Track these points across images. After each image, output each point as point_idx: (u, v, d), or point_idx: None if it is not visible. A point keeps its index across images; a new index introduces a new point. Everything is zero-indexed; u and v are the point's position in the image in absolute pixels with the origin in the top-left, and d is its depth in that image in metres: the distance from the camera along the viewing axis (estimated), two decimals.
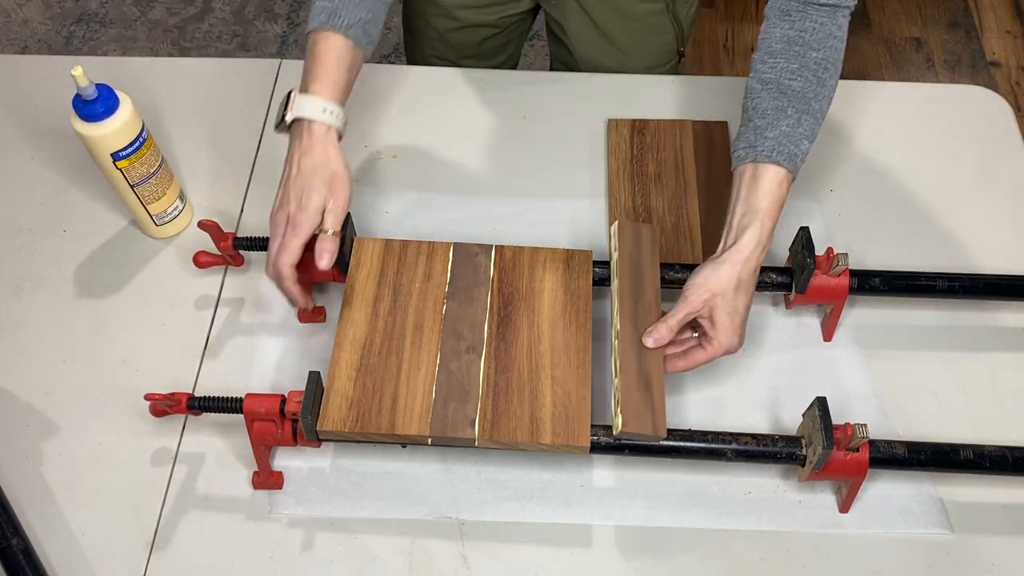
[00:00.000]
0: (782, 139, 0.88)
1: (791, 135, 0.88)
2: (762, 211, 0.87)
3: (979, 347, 1.01)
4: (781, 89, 0.90)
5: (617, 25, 1.23)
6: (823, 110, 0.91)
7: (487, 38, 1.32)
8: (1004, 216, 1.11)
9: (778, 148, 0.88)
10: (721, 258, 0.87)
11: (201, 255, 1.01)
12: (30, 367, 0.99)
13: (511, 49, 1.38)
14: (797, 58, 0.90)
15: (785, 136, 0.88)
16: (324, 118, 0.89)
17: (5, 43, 2.41)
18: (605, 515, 0.90)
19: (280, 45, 2.41)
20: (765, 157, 0.88)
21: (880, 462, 0.86)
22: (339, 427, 0.84)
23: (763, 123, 0.89)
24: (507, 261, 0.95)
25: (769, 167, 0.87)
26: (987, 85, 1.50)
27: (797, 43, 0.91)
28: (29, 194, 1.12)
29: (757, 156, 0.88)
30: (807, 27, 0.91)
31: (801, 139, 0.89)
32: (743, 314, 0.87)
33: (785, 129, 0.88)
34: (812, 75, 0.90)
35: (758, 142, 0.89)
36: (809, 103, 0.89)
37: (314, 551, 0.88)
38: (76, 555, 0.87)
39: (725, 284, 0.85)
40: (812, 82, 0.90)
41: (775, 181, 0.87)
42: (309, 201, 0.88)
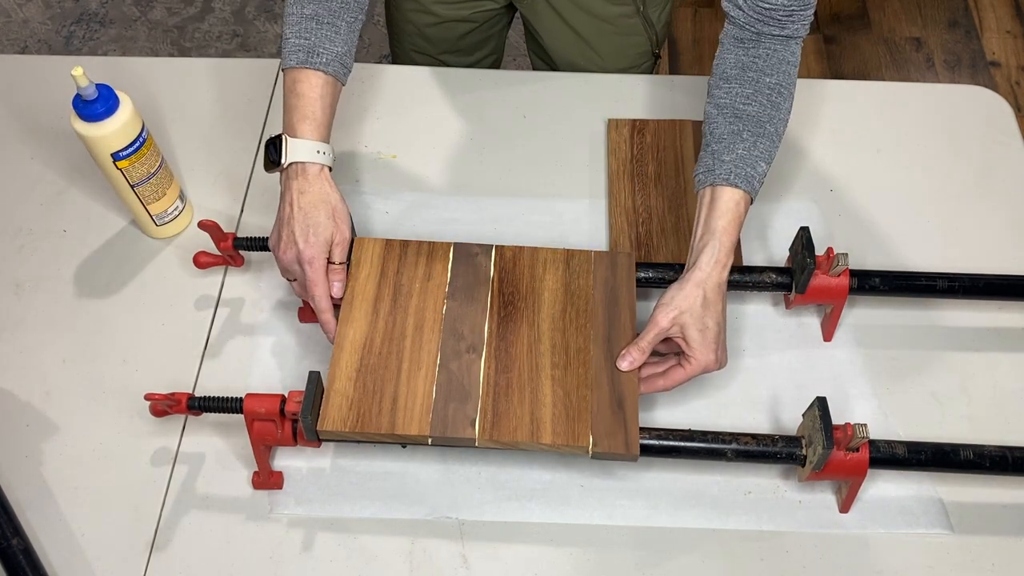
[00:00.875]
0: (738, 162, 0.91)
1: (747, 158, 0.91)
2: (719, 230, 0.90)
3: (979, 347, 1.01)
4: (736, 114, 0.93)
5: (589, 27, 1.24)
6: (779, 132, 0.94)
7: (465, 33, 1.32)
8: (1004, 216, 1.11)
9: (735, 171, 0.91)
10: (684, 279, 0.89)
11: (201, 255, 1.01)
12: (30, 367, 0.99)
13: (492, 44, 1.39)
14: (751, 83, 0.93)
15: (741, 159, 0.91)
16: (317, 159, 0.92)
17: (5, 43, 2.41)
18: (605, 515, 0.90)
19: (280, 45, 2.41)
20: (723, 180, 0.91)
21: (880, 462, 0.86)
22: (339, 427, 0.84)
23: (720, 147, 0.92)
24: (507, 261, 0.95)
25: (726, 189, 0.90)
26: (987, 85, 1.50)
27: (751, 69, 0.94)
28: (29, 194, 1.12)
29: (715, 180, 0.91)
30: (760, 53, 0.94)
31: (757, 161, 0.91)
32: (715, 330, 0.88)
33: (741, 152, 0.91)
34: (766, 99, 0.93)
35: (716, 166, 0.92)
36: (764, 126, 0.92)
37: (314, 551, 0.88)
38: (76, 555, 0.88)
39: (691, 302, 0.88)
40: (766, 106, 0.93)
41: (732, 202, 0.90)
42: (318, 237, 0.90)
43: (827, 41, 2.44)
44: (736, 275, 0.97)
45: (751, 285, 0.98)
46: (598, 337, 0.90)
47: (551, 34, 1.26)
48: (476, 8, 1.28)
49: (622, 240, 1.07)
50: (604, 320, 0.91)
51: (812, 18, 0.94)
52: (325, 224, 0.91)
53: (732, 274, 0.97)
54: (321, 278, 0.91)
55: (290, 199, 0.91)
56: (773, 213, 1.10)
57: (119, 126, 0.95)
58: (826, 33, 2.45)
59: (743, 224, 0.91)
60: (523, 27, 1.34)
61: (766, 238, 1.08)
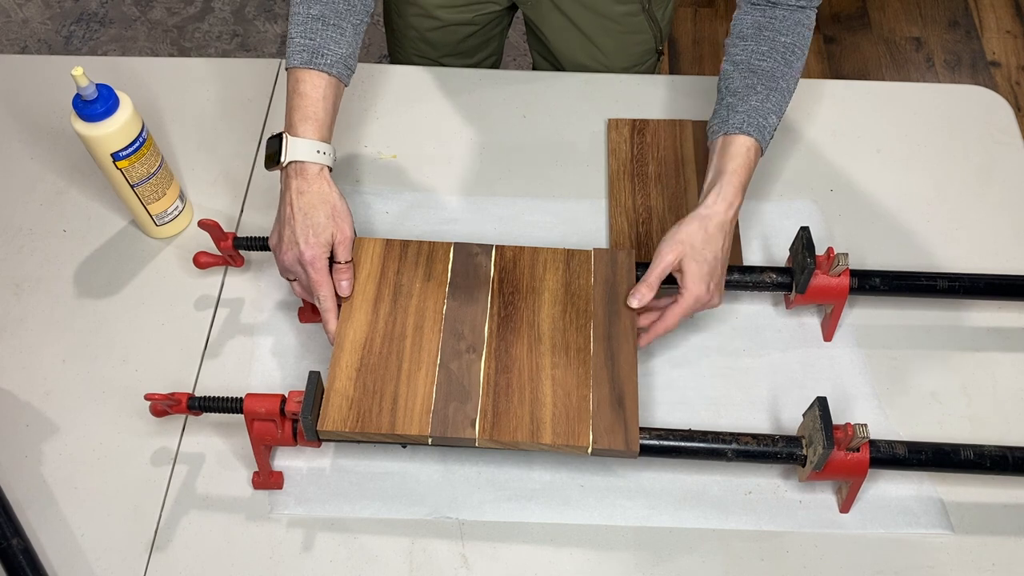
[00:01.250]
0: (752, 112, 0.95)
1: (760, 109, 0.95)
2: (727, 171, 0.93)
3: (979, 347, 1.01)
4: (751, 69, 0.97)
5: (595, 26, 1.24)
6: (790, 89, 0.98)
7: (466, 36, 1.32)
8: (1004, 216, 1.11)
9: (748, 120, 0.94)
10: (690, 215, 0.93)
11: (201, 255, 1.01)
12: (30, 367, 0.99)
13: (492, 46, 1.39)
14: (767, 41, 0.97)
15: (754, 110, 0.95)
16: (317, 159, 0.92)
17: (5, 43, 2.41)
18: (605, 515, 0.90)
19: (280, 45, 2.41)
20: (736, 129, 0.94)
21: (880, 462, 0.86)
22: (339, 427, 0.84)
23: (734, 100, 0.96)
24: (507, 261, 0.95)
25: (738, 137, 0.94)
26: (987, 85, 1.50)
27: (767, 28, 0.97)
28: (29, 194, 1.12)
29: (728, 128, 0.95)
30: (777, 15, 0.98)
31: (769, 113, 0.95)
32: (712, 264, 0.91)
33: (755, 103, 0.95)
34: (780, 57, 0.97)
35: (730, 116, 0.95)
36: (777, 81, 0.96)
37: (314, 551, 0.88)
38: (76, 555, 0.88)
39: (692, 236, 0.91)
40: (780, 63, 0.97)
41: (743, 147, 0.94)
42: (318, 237, 0.90)
43: (827, 41, 2.44)
44: (736, 275, 0.97)
45: (751, 285, 0.98)
46: (598, 336, 0.90)
47: (556, 33, 1.26)
48: (478, 11, 1.28)
49: (622, 240, 1.07)
50: (604, 319, 0.91)
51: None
52: (324, 224, 0.90)
53: (732, 274, 0.97)
54: (324, 278, 0.91)
55: (289, 199, 0.91)
56: (773, 213, 1.10)
57: (119, 126, 0.95)
58: (826, 33, 2.45)
59: (752, 172, 0.94)
60: (525, 26, 1.35)
61: (766, 238, 1.08)
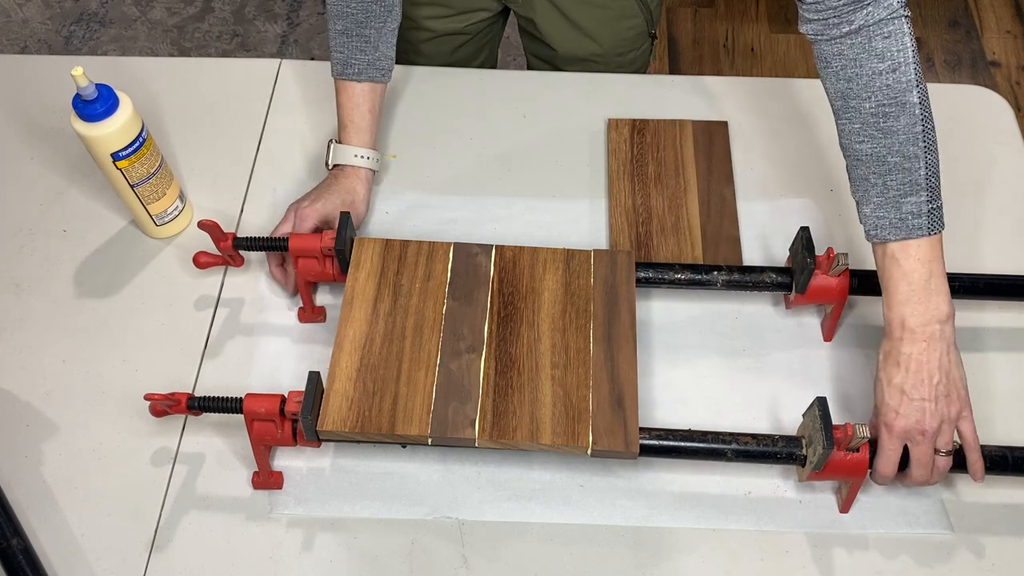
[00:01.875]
0: (879, 211, 0.85)
1: (883, 204, 0.85)
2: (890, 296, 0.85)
3: (979, 347, 1.01)
4: (857, 157, 0.87)
5: (586, 13, 1.24)
6: (908, 153, 0.84)
7: (459, 47, 1.33)
8: (1004, 216, 1.11)
9: (879, 224, 0.85)
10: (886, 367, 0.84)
11: (201, 255, 1.01)
12: (30, 367, 0.99)
13: (484, 55, 1.39)
14: (856, 116, 0.86)
15: (879, 207, 0.85)
16: (357, 163, 1.04)
17: (5, 43, 2.41)
18: (605, 515, 0.90)
19: (280, 45, 2.41)
20: (873, 238, 0.87)
21: None
22: (339, 427, 0.84)
23: (859, 199, 0.88)
24: (507, 261, 0.95)
25: (877, 248, 0.87)
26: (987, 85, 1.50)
27: (850, 97, 0.86)
28: (29, 194, 1.12)
29: (871, 238, 0.87)
30: (851, 74, 0.85)
31: (900, 201, 0.84)
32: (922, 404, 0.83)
33: (877, 201, 0.85)
34: (874, 130, 0.85)
35: (864, 222, 0.87)
36: (885, 161, 0.85)
37: (314, 551, 0.88)
38: (76, 555, 0.88)
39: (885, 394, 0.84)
40: (878, 137, 0.85)
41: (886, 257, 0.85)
42: (324, 205, 1.00)
43: None
44: (736, 275, 0.97)
45: (751, 285, 0.98)
46: (598, 337, 0.90)
47: (548, 26, 1.26)
48: (469, 20, 1.28)
49: (622, 240, 1.07)
50: (604, 319, 0.91)
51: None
52: (335, 203, 1.01)
53: (732, 274, 0.97)
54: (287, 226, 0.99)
55: (325, 180, 1.05)
56: (773, 213, 1.10)
57: (119, 126, 0.95)
58: None
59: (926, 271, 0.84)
60: (519, 29, 1.35)
61: (766, 238, 1.08)
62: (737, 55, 2.39)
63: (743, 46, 2.41)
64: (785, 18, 2.49)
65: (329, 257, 0.95)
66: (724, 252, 1.06)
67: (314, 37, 2.42)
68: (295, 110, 1.20)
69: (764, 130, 1.18)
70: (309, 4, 2.49)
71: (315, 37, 2.42)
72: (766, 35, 2.44)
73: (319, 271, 0.96)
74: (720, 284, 0.98)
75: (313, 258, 0.95)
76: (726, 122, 1.18)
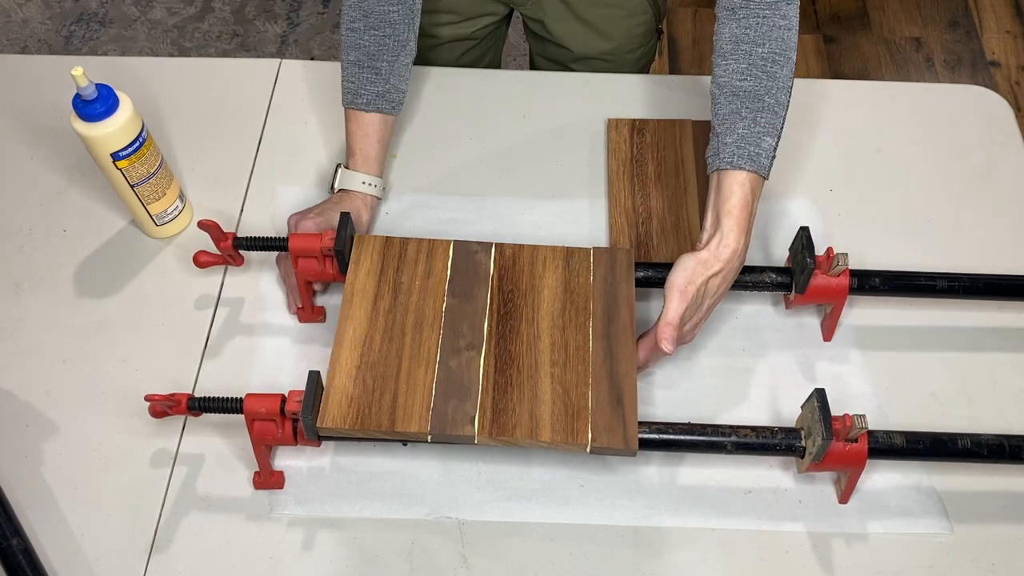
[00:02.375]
0: (740, 142, 0.91)
1: (748, 136, 0.91)
2: (725, 215, 0.90)
3: (979, 347, 1.01)
4: (734, 92, 0.93)
5: (596, 12, 1.24)
6: (780, 102, 0.93)
7: (464, 52, 1.33)
8: (1004, 216, 1.11)
9: (738, 152, 0.91)
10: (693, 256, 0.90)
11: (201, 255, 1.01)
12: (30, 367, 0.99)
13: (489, 58, 1.40)
14: (744, 57, 0.92)
15: (743, 139, 0.91)
16: (364, 189, 1.05)
17: (5, 43, 2.41)
18: (605, 515, 0.90)
19: (280, 45, 2.41)
20: (727, 163, 0.91)
21: (879, 452, 0.86)
22: (339, 424, 0.84)
23: (722, 129, 0.93)
24: (507, 259, 0.95)
25: (731, 173, 0.91)
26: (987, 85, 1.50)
27: (744, 41, 0.93)
28: (29, 194, 1.12)
29: (720, 163, 0.91)
30: (751, 23, 0.93)
31: (760, 137, 0.91)
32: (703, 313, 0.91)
33: (742, 132, 0.91)
34: (761, 71, 0.92)
35: (720, 149, 0.92)
36: (762, 100, 0.92)
37: (314, 551, 0.88)
38: (76, 555, 0.87)
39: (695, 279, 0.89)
40: (762, 78, 0.92)
41: (737, 183, 0.90)
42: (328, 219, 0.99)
43: (827, 41, 2.44)
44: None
45: (751, 285, 0.98)
46: (597, 334, 0.90)
47: (558, 26, 1.26)
48: (477, 25, 1.28)
49: (622, 240, 1.07)
50: (603, 317, 0.91)
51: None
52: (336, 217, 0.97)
53: None
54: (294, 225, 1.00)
55: (333, 197, 1.05)
56: (773, 213, 1.10)
57: (119, 126, 0.95)
58: (826, 33, 2.46)
59: (754, 204, 0.91)
60: (524, 30, 1.34)
61: (766, 238, 1.08)
62: None
63: None
64: None
65: (329, 257, 0.95)
66: None
67: (314, 37, 2.42)
68: (295, 110, 1.20)
69: None
70: (309, 4, 2.49)
71: (315, 37, 2.42)
72: None
73: (319, 271, 0.96)
74: None
75: (313, 258, 0.95)
76: None
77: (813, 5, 2.53)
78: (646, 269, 0.97)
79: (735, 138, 0.91)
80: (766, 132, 0.91)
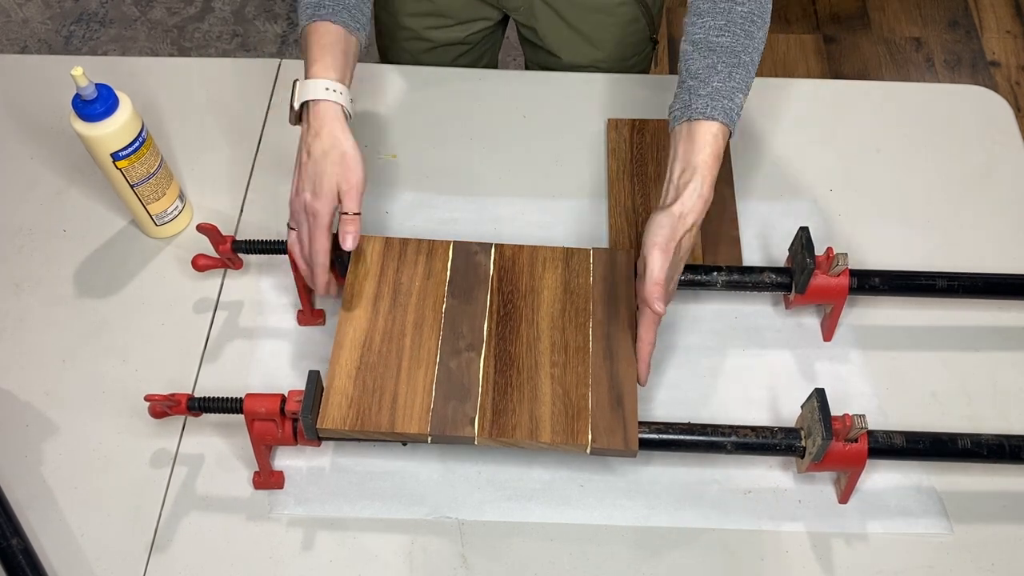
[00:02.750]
0: (715, 95, 0.89)
1: (723, 90, 0.89)
2: (700, 164, 0.88)
3: (979, 347, 1.01)
4: (710, 47, 0.91)
5: (589, 21, 1.24)
6: (754, 62, 0.92)
7: (458, 56, 1.32)
8: (1004, 216, 1.11)
9: (712, 104, 0.89)
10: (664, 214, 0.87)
11: (200, 258, 1.01)
12: (30, 367, 0.99)
13: (484, 62, 1.39)
14: (723, 14, 0.91)
15: (717, 92, 0.89)
16: (328, 96, 0.89)
17: (5, 43, 2.41)
18: (605, 515, 0.90)
19: (280, 45, 2.41)
20: (700, 114, 0.89)
21: (879, 452, 0.86)
22: (339, 425, 0.84)
23: (695, 83, 0.90)
24: (507, 260, 0.95)
25: (704, 123, 0.88)
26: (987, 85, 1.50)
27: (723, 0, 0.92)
28: (29, 194, 1.12)
29: (692, 114, 0.89)
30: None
31: (734, 93, 0.90)
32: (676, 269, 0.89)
33: (717, 85, 0.89)
34: (739, 29, 0.91)
35: (693, 101, 0.90)
36: (739, 56, 0.91)
37: (314, 551, 0.88)
38: (76, 555, 0.88)
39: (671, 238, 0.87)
40: (740, 36, 0.91)
41: (711, 134, 0.88)
42: (322, 186, 0.88)
43: (827, 41, 2.44)
44: (736, 275, 0.97)
45: (751, 285, 0.98)
46: (597, 335, 0.90)
47: (551, 34, 1.26)
48: (470, 30, 1.28)
49: (622, 240, 1.07)
50: (603, 318, 0.91)
51: None
52: (331, 173, 0.89)
53: (732, 274, 0.97)
54: (323, 233, 0.89)
55: (305, 144, 0.90)
56: (773, 213, 1.10)
57: (118, 126, 0.95)
58: (826, 33, 2.46)
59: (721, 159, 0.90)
60: (519, 37, 1.34)
61: (766, 238, 1.08)
62: None
63: None
64: (785, 18, 2.49)
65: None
66: (724, 252, 1.06)
67: None
68: None
69: (764, 130, 1.18)
70: None
71: None
72: None
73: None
74: (720, 285, 0.98)
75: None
76: None
77: (813, 5, 2.53)
78: None
79: (710, 91, 0.89)
80: (739, 89, 0.90)
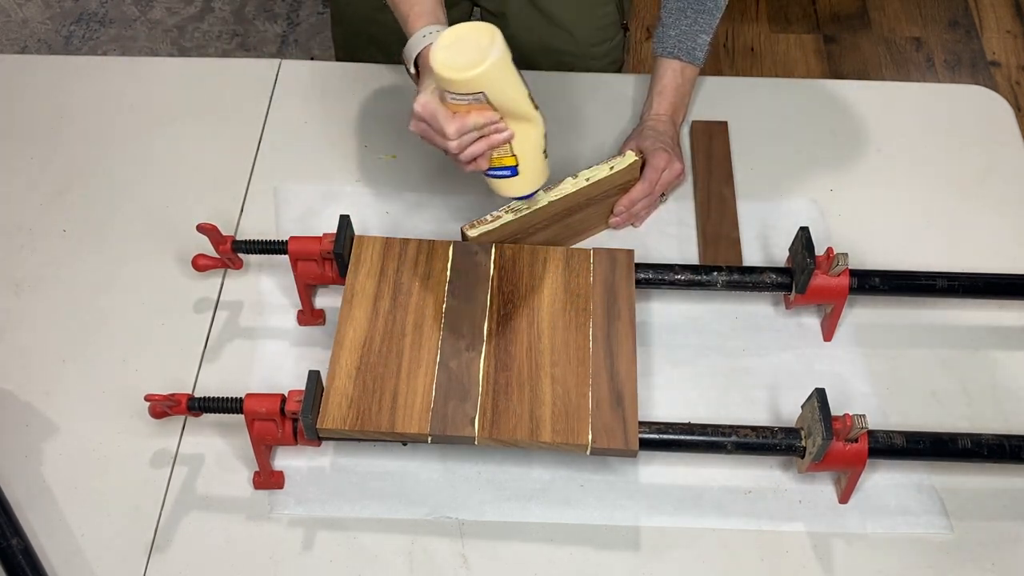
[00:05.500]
0: (682, 37, 1.10)
1: (688, 32, 1.10)
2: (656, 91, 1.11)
3: (979, 347, 1.01)
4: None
5: (558, 4, 1.23)
6: (719, 7, 1.10)
7: None
8: (1004, 216, 1.11)
9: (679, 45, 1.10)
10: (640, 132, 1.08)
11: (200, 258, 1.00)
12: (30, 367, 0.99)
13: None
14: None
15: (684, 33, 1.10)
16: (429, 41, 0.90)
17: (5, 43, 2.41)
18: (605, 515, 0.90)
19: (280, 45, 2.41)
20: (668, 52, 1.11)
21: (879, 452, 0.86)
22: (339, 425, 0.84)
23: (667, 24, 1.11)
24: (507, 260, 0.95)
25: (670, 61, 1.11)
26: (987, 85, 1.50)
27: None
28: (29, 194, 1.12)
29: (663, 51, 1.12)
30: None
31: (697, 34, 1.10)
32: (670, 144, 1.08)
33: (684, 27, 1.10)
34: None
35: (665, 41, 1.11)
36: (704, 3, 1.09)
37: (314, 551, 0.88)
38: (76, 555, 0.87)
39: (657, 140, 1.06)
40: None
41: (674, 70, 1.11)
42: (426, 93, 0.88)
43: (827, 41, 2.44)
44: (736, 275, 0.97)
45: (751, 285, 0.98)
46: (597, 335, 0.90)
47: (517, 19, 1.25)
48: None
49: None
50: (603, 318, 0.91)
51: None
52: None
53: (732, 274, 0.97)
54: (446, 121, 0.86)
55: None
56: (773, 213, 1.10)
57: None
58: (826, 33, 2.45)
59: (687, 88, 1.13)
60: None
61: (766, 238, 1.08)
62: (737, 55, 2.39)
63: (743, 46, 2.41)
64: (785, 18, 2.49)
65: (328, 260, 0.95)
66: (724, 252, 1.06)
67: (314, 37, 2.42)
68: (295, 110, 1.20)
69: (764, 130, 1.18)
70: (309, 4, 2.49)
71: (315, 37, 2.42)
72: (766, 35, 2.44)
73: (318, 274, 0.96)
74: (720, 285, 0.98)
75: (312, 261, 0.95)
76: (726, 122, 1.18)
77: (813, 5, 2.52)
78: (646, 270, 0.97)
79: (678, 33, 1.10)
80: (703, 31, 1.10)
